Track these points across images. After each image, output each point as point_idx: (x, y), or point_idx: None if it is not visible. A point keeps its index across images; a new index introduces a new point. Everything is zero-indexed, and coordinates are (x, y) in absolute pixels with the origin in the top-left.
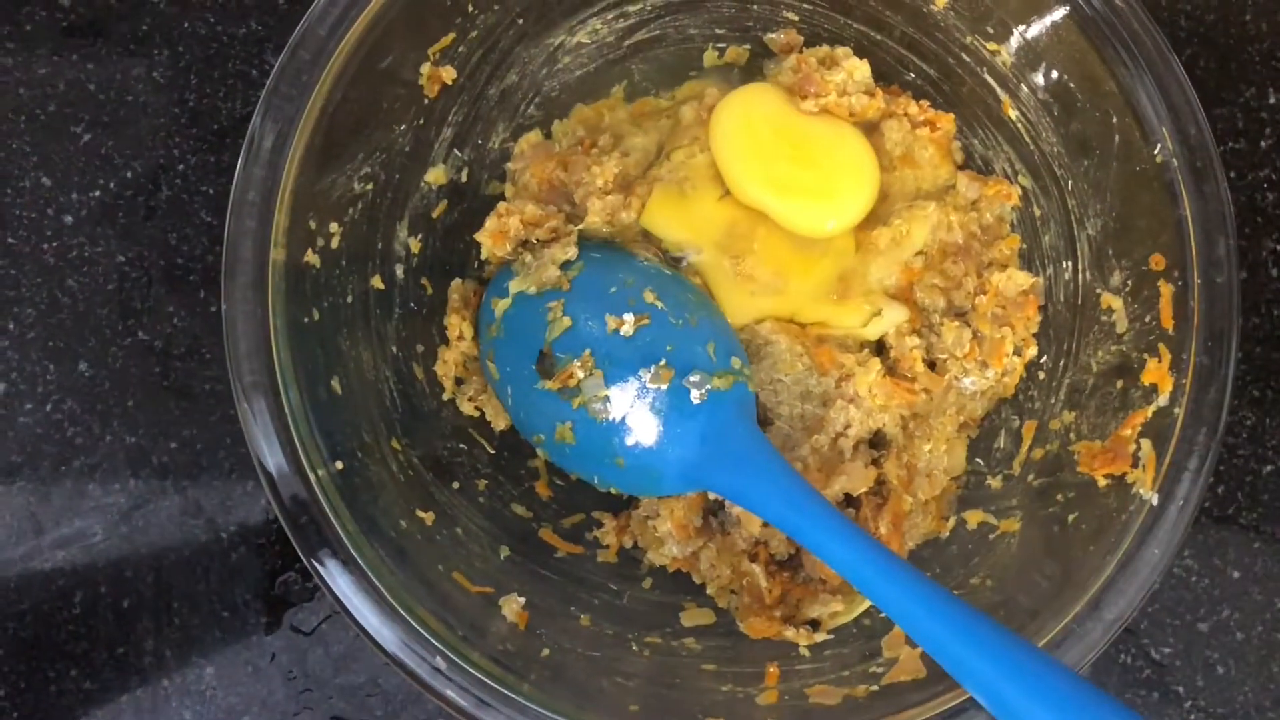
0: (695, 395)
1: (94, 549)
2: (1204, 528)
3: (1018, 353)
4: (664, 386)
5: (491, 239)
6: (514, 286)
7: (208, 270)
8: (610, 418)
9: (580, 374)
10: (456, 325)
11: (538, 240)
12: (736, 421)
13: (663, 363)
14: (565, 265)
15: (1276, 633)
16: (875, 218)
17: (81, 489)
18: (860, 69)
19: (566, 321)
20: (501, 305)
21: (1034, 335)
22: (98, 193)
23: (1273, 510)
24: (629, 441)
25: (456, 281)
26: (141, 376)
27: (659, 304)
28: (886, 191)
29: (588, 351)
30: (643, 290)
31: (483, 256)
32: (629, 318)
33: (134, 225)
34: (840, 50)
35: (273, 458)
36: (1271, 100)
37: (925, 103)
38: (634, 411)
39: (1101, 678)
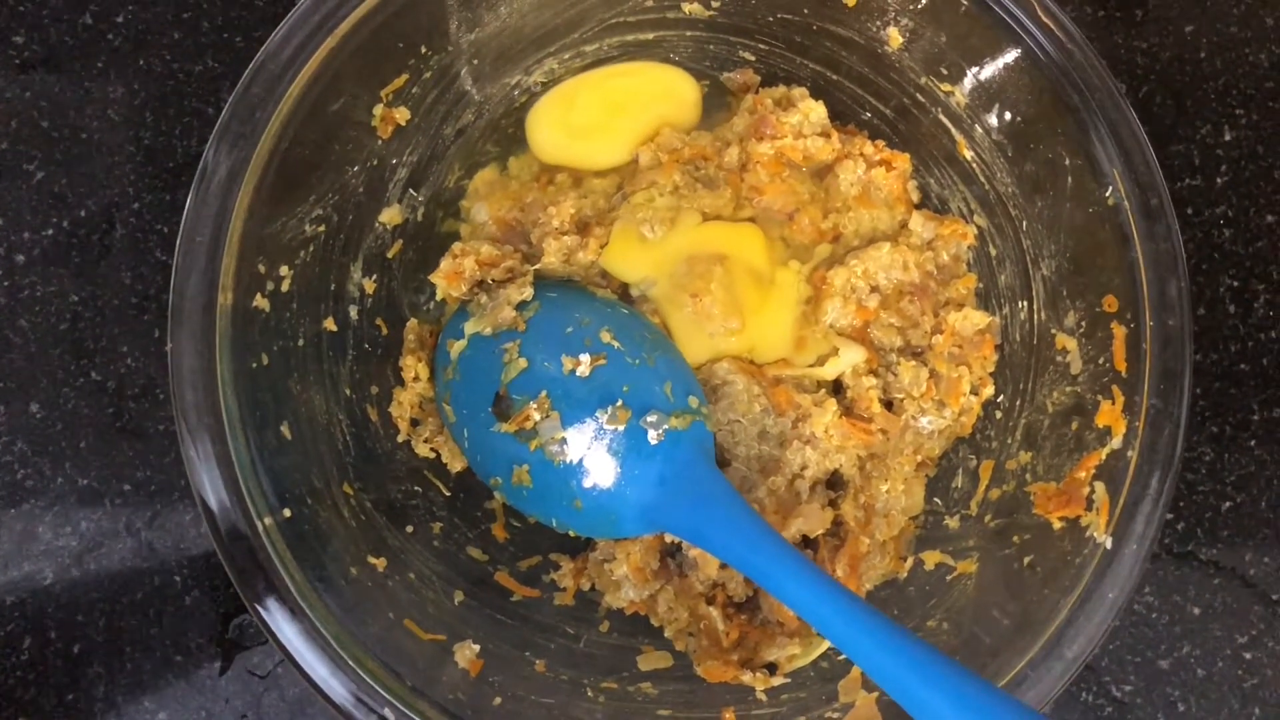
0: (653, 436)
1: (44, 593)
2: (1164, 564)
3: (975, 392)
4: (621, 427)
5: (446, 280)
6: (469, 328)
7: (162, 310)
8: (567, 460)
9: (537, 416)
10: (412, 367)
11: (494, 280)
12: (694, 462)
13: (620, 403)
14: (521, 305)
15: (1237, 669)
16: (831, 258)
17: (32, 532)
18: (816, 110)
19: (522, 363)
20: (457, 347)
21: (991, 375)
22: (50, 231)
23: (1232, 546)
24: (586, 484)
25: (413, 322)
26: (94, 417)
27: (616, 344)
28: (841, 232)
29: (544, 393)
30: (599, 330)
31: (438, 297)
32: (585, 358)
33: (87, 264)
34: (796, 90)
35: (218, 507)
36: (1227, 137)
37: (881, 142)
38: (591, 453)
39: (1064, 715)
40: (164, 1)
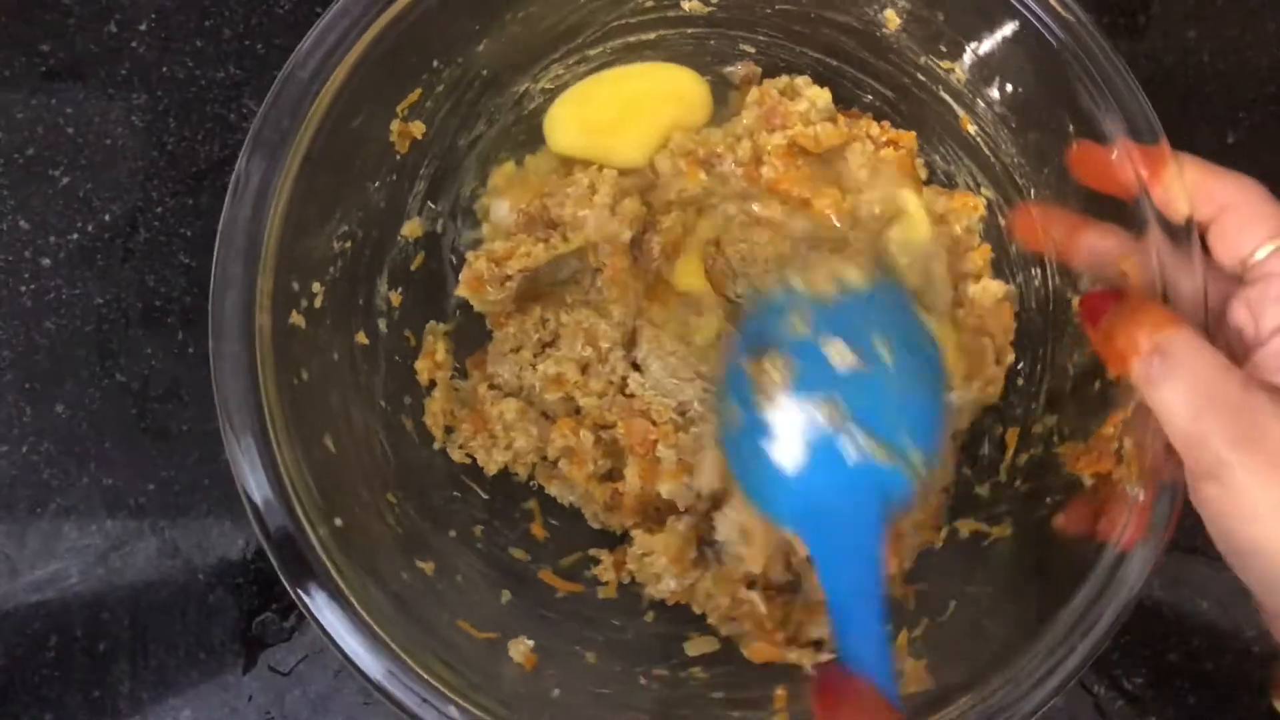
0: (851, 450)
1: (70, 591)
2: (1173, 559)
3: (998, 361)
4: (827, 426)
5: (470, 289)
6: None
7: (185, 312)
8: (765, 421)
9: (774, 373)
10: (427, 370)
11: (524, 270)
12: (862, 500)
13: (840, 405)
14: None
15: (1245, 663)
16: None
17: (58, 531)
18: (821, 96)
19: (804, 330)
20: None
21: (1011, 342)
22: (76, 235)
23: None
24: (770, 447)
25: (433, 324)
26: (119, 418)
27: (887, 359)
28: (857, 215)
29: (788, 356)
30: (883, 339)
31: (476, 310)
32: (848, 356)
33: (112, 267)
34: (800, 79)
35: (272, 521)
36: (1230, 140)
37: (886, 124)
38: (788, 426)
39: (1075, 708)
40: (186, 10)
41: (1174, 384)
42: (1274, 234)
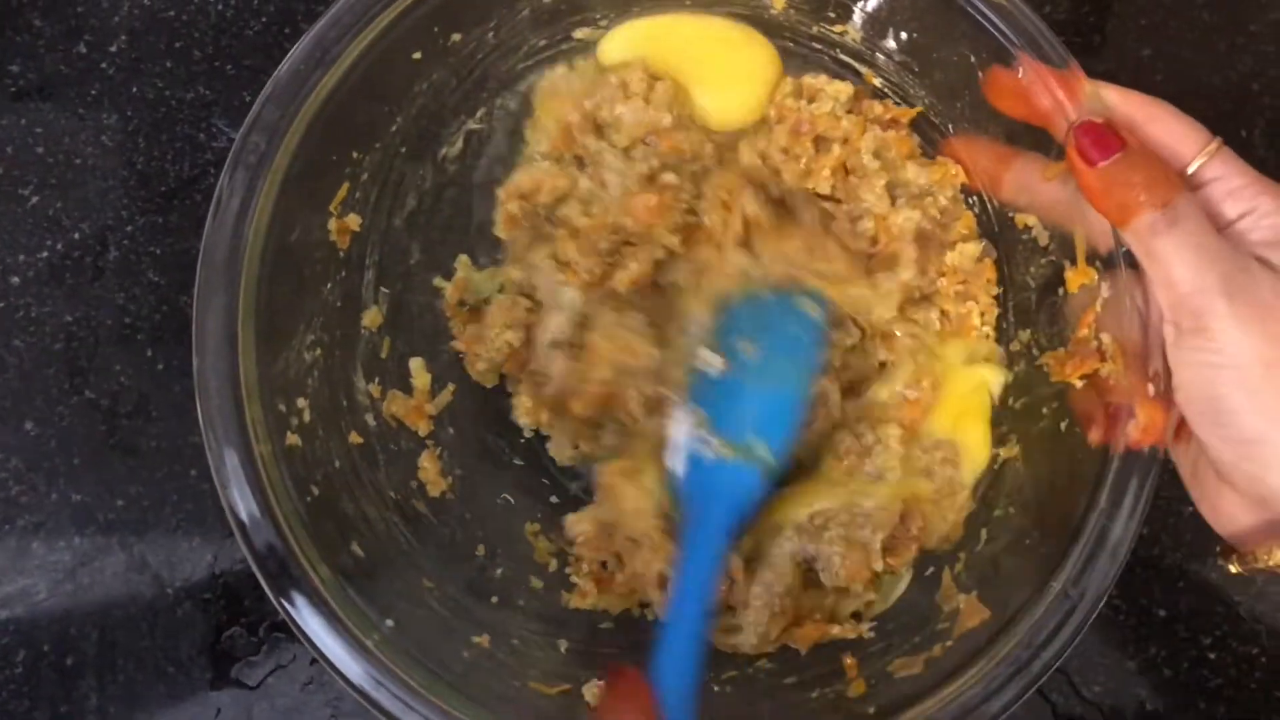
0: (707, 452)
1: (38, 607)
2: (1130, 568)
3: (983, 322)
4: (692, 432)
5: (506, 228)
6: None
7: (155, 329)
8: (672, 431)
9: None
10: (424, 425)
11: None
12: (718, 501)
13: (700, 409)
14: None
15: (1202, 669)
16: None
17: (26, 547)
18: (843, 91)
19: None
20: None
21: (995, 298)
22: (45, 254)
23: (1195, 550)
24: (670, 451)
25: (418, 362)
26: (88, 434)
27: (751, 356)
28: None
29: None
30: (749, 339)
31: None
32: (717, 361)
33: (81, 285)
34: (815, 78)
35: (325, 642)
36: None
37: (888, 102)
38: (679, 432)
39: (1034, 715)
40: (156, 31)
41: (1180, 239)
42: (1200, 146)
